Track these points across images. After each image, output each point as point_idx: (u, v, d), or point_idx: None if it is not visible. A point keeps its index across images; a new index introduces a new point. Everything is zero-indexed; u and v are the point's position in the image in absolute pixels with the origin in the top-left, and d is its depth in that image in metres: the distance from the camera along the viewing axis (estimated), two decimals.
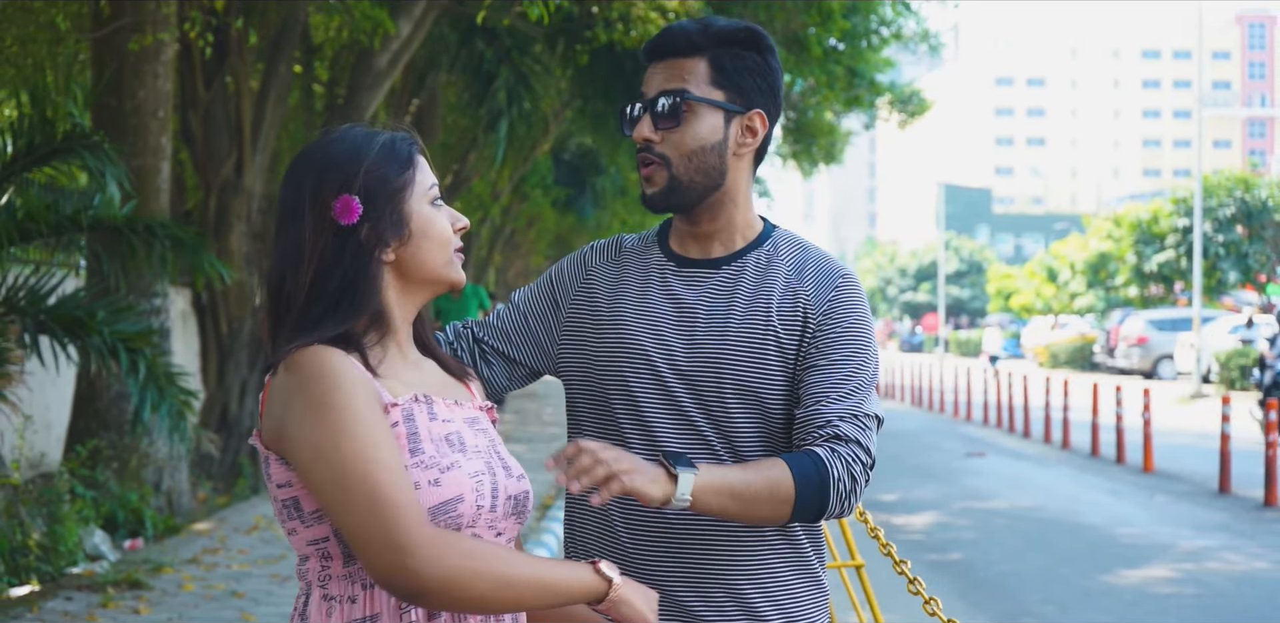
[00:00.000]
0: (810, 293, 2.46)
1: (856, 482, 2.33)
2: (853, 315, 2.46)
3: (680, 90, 2.40)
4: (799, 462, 2.30)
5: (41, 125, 7.12)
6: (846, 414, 2.37)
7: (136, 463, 10.08)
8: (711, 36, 2.43)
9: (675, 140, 2.42)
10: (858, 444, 2.34)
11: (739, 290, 2.46)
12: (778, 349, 2.41)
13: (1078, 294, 50.29)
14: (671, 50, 2.44)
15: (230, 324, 12.84)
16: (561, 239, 37.01)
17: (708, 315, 2.45)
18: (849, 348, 2.43)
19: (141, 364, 7.30)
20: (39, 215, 7.30)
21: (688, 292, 2.48)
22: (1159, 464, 16.13)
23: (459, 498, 2.07)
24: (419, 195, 2.20)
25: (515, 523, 2.20)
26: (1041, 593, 8.77)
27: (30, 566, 7.78)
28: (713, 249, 2.51)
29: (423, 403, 2.15)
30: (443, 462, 2.09)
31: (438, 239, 2.21)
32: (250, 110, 12.88)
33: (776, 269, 2.48)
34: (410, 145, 2.24)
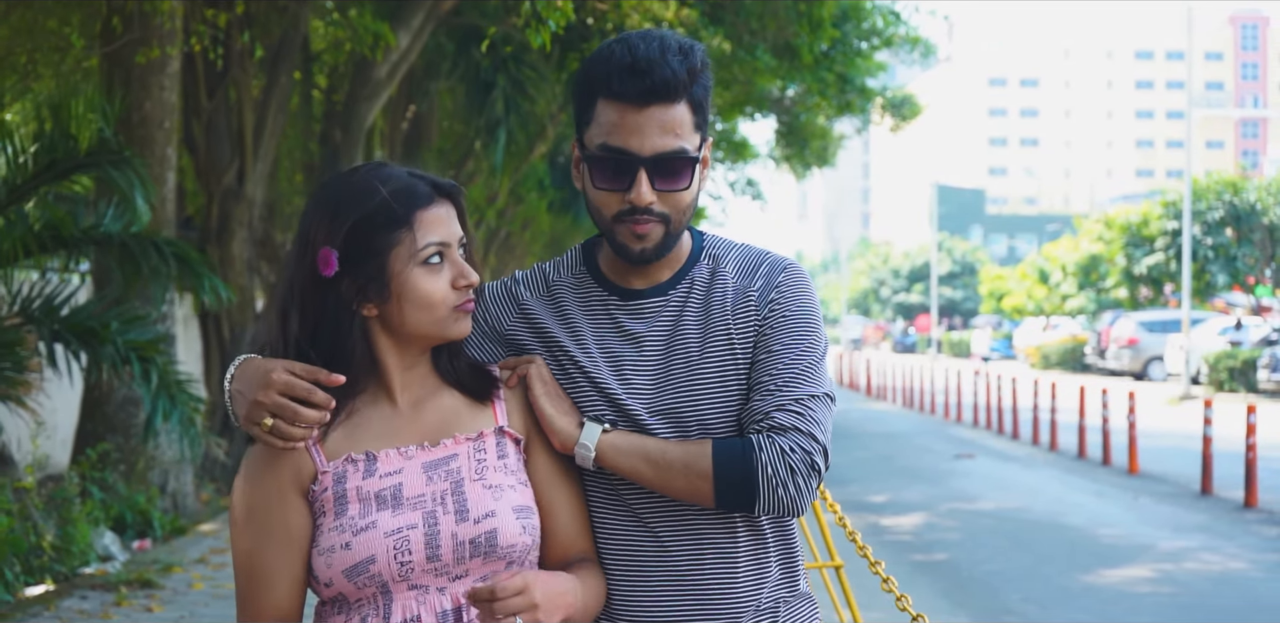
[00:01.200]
0: (759, 289, 2.39)
1: (796, 472, 2.24)
2: (796, 302, 2.38)
3: (679, 151, 2.29)
4: (726, 442, 2.27)
5: (64, 140, 7.37)
6: (785, 403, 2.28)
7: (143, 466, 10.36)
8: (694, 72, 2.29)
9: (675, 199, 2.31)
10: (798, 431, 2.26)
11: (692, 312, 2.39)
12: (746, 362, 2.35)
13: (1069, 296, 50.59)
14: (665, 97, 2.27)
15: (232, 330, 13.11)
16: (556, 241, 37.21)
17: (667, 348, 2.37)
18: (791, 334, 2.35)
19: (153, 372, 7.58)
20: (59, 227, 7.57)
21: (640, 325, 2.39)
22: (1144, 466, 16.42)
23: (370, 559, 2.12)
24: (407, 257, 2.19)
25: (485, 563, 2.19)
26: (1023, 592, 9.05)
27: (44, 566, 8.06)
28: (660, 274, 2.41)
29: (359, 462, 2.19)
30: (360, 523, 2.14)
31: (420, 302, 2.20)
32: (252, 119, 13.15)
33: (723, 278, 2.41)
34: (413, 203, 2.21)
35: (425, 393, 2.29)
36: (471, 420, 2.29)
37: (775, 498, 2.24)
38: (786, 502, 2.24)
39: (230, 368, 2.24)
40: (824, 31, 16.92)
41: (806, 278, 2.45)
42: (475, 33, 15.85)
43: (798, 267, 2.44)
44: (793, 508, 2.26)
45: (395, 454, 2.21)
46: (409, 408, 2.27)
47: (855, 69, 20.35)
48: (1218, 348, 33.23)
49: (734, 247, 2.48)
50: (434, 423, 2.27)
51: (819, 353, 2.37)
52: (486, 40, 10.83)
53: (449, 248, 2.23)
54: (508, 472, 2.27)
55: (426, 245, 2.20)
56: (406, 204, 2.20)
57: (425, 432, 2.25)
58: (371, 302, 2.20)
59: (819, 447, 2.27)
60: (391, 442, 2.23)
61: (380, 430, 2.23)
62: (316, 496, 2.19)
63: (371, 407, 2.25)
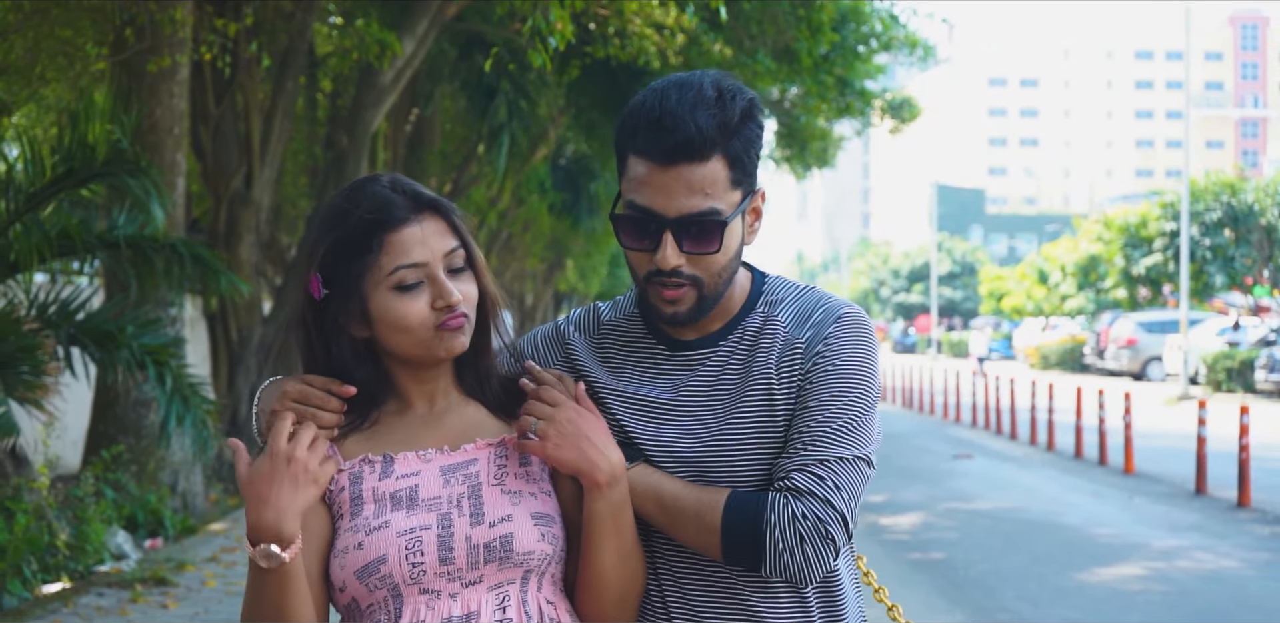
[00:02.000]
0: (807, 340, 2.26)
1: (805, 540, 2.14)
2: (845, 352, 2.25)
3: (708, 212, 2.17)
4: (741, 496, 2.18)
5: (81, 150, 7.57)
6: (808, 464, 2.18)
7: (154, 466, 10.55)
8: (729, 127, 2.17)
9: (706, 263, 2.21)
10: (813, 497, 2.15)
11: (737, 363, 2.28)
12: (786, 417, 2.24)
13: (1068, 296, 50.78)
14: (688, 155, 2.16)
15: (240, 332, 13.29)
16: (556, 242, 37.37)
17: (706, 400, 2.28)
18: (832, 389, 2.23)
19: (168, 376, 7.77)
20: (74, 233, 7.76)
21: (683, 376, 2.30)
22: (1141, 466, 16.59)
23: (381, 559, 2.11)
24: (377, 281, 2.17)
25: (500, 570, 2.17)
26: (1017, 591, 9.23)
27: (60, 564, 8.24)
28: (710, 325, 2.32)
29: (376, 463, 2.21)
30: (374, 522, 2.14)
31: (395, 326, 2.18)
32: (259, 125, 13.35)
33: (774, 328, 2.29)
34: (383, 226, 2.16)
35: (448, 404, 2.30)
36: (495, 428, 2.28)
37: (781, 563, 2.15)
38: (793, 569, 2.15)
39: (257, 393, 2.29)
40: (823, 35, 17.10)
41: (863, 328, 2.29)
42: (478, 38, 16.06)
43: (856, 316, 2.30)
44: (799, 576, 2.16)
45: (413, 457, 2.21)
46: (430, 416, 2.28)
47: (854, 72, 20.54)
48: (1216, 348, 33.41)
49: (794, 292, 2.34)
50: (456, 429, 2.27)
51: (861, 411, 2.22)
52: (490, 59, 11.00)
53: (428, 268, 2.17)
54: (529, 479, 2.25)
55: (396, 269, 2.16)
56: (375, 227, 2.16)
57: (446, 437, 2.25)
58: (358, 323, 2.21)
59: (834, 515, 2.15)
60: (411, 446, 2.23)
61: (401, 436, 2.25)
62: (334, 496, 2.19)
63: (394, 415, 2.27)
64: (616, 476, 2.20)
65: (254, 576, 2.11)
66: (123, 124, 8.07)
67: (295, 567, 2.09)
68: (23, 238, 7.67)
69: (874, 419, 2.25)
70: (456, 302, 2.17)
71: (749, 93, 2.22)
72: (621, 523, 2.23)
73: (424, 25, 13.20)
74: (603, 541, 2.22)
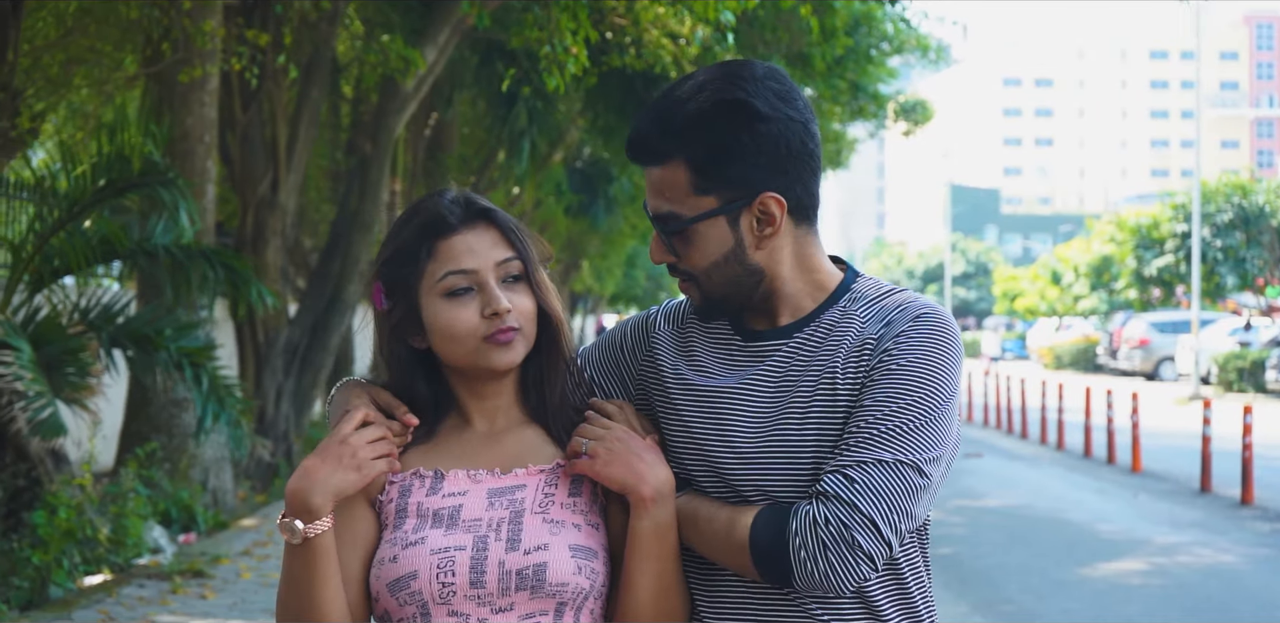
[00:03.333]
0: (878, 337, 2.17)
1: (828, 547, 2.03)
2: (915, 352, 2.14)
3: (668, 215, 2.19)
4: (770, 509, 2.11)
5: (119, 162, 7.93)
6: (842, 466, 2.07)
7: (186, 464, 10.91)
8: (677, 135, 2.15)
9: (692, 260, 2.20)
10: (837, 501, 2.03)
11: (807, 358, 2.20)
12: (846, 416, 2.15)
13: (1081, 297, 51.03)
14: (644, 160, 2.21)
15: (267, 334, 13.65)
16: (573, 243, 37.72)
17: (773, 395, 2.20)
18: (891, 389, 2.12)
19: (204, 377, 8.12)
20: (114, 241, 8.13)
21: (755, 368, 2.23)
22: (1148, 465, 16.90)
23: (413, 574, 2.10)
24: (428, 288, 2.19)
25: (532, 600, 2.12)
26: (1021, 584, 9.56)
27: (101, 557, 8.60)
28: (779, 318, 2.25)
29: (426, 478, 2.21)
30: (411, 537, 2.14)
31: (444, 334, 2.19)
32: (285, 132, 13.70)
33: (850, 323, 2.20)
34: (431, 234, 2.20)
35: (508, 424, 2.29)
36: (549, 454, 2.26)
37: (806, 573, 2.05)
38: (818, 578, 2.04)
39: (332, 391, 2.33)
40: (837, 40, 17.38)
41: (942, 329, 2.17)
42: (497, 45, 16.40)
43: (936, 316, 2.19)
44: (826, 585, 2.05)
45: (464, 476, 2.21)
46: (488, 436, 2.27)
47: (867, 76, 20.85)
48: (1228, 349, 33.64)
49: (881, 291, 2.26)
50: (511, 452, 2.25)
51: (920, 415, 2.10)
52: (506, 80, 11.36)
53: (478, 275, 2.18)
54: (575, 510, 2.20)
55: (446, 275, 2.17)
56: (427, 235, 2.19)
57: (500, 459, 2.24)
58: (416, 334, 2.23)
59: (861, 520, 2.02)
60: (464, 463, 2.23)
61: (456, 452, 2.24)
62: (382, 506, 2.20)
63: (453, 431, 2.27)
64: (663, 493, 2.17)
65: (285, 555, 2.15)
66: (155, 137, 8.42)
67: (321, 546, 2.11)
68: (66, 245, 8.03)
69: (939, 426, 2.11)
70: (504, 309, 2.16)
71: (733, 100, 2.13)
72: (665, 547, 2.18)
73: (445, 34, 13.55)
74: (643, 565, 2.16)
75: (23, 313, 7.98)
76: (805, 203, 2.21)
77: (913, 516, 2.08)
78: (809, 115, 2.21)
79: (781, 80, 2.18)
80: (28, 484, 8.36)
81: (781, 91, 2.17)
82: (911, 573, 2.25)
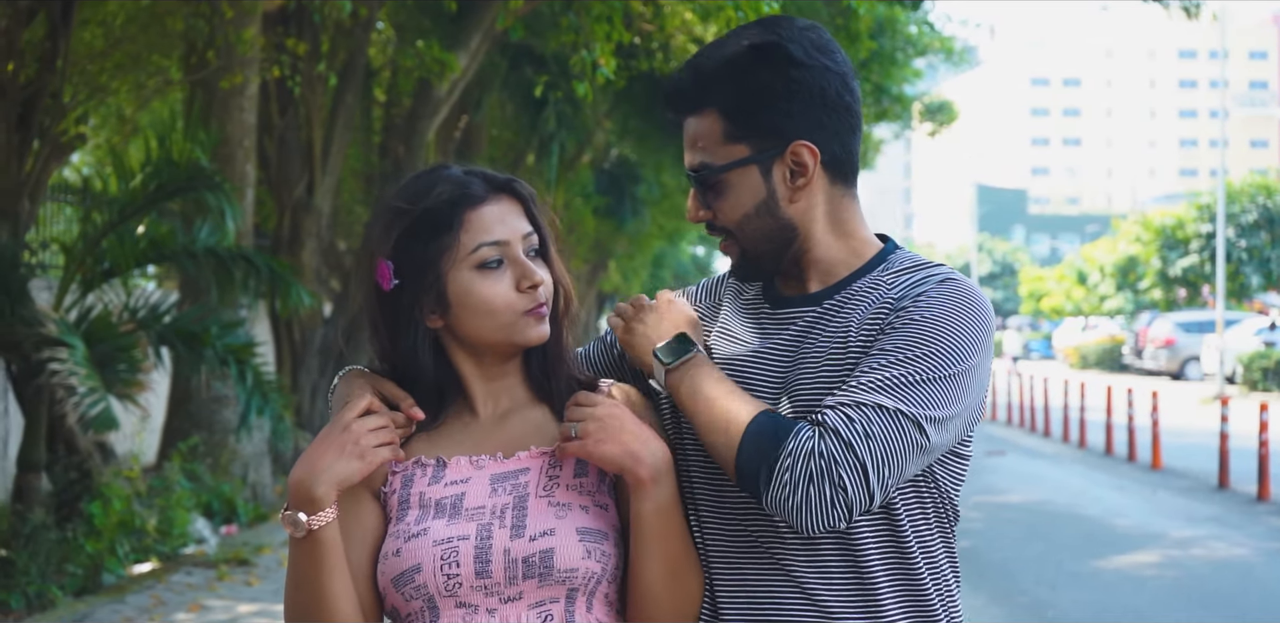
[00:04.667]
0: (897, 299, 2.10)
1: (813, 480, 1.93)
2: (933, 310, 2.06)
3: (701, 166, 2.15)
4: (769, 416, 2.02)
5: (168, 167, 8.29)
6: (844, 402, 1.99)
7: (226, 458, 11.29)
8: (709, 81, 2.12)
9: (725, 214, 2.15)
10: (836, 437, 1.94)
11: (829, 325, 2.13)
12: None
13: (1107, 297, 51.12)
14: (678, 110, 2.19)
15: (303, 333, 14.01)
16: (600, 244, 38.05)
17: (793, 361, 2.14)
18: (906, 340, 2.03)
19: (249, 374, 8.47)
20: (161, 243, 8.49)
21: (781, 336, 2.17)
22: (1168, 462, 17.13)
23: (416, 568, 2.04)
24: (458, 260, 2.09)
25: (541, 587, 2.06)
26: (1036, 575, 9.84)
27: (149, 546, 8.97)
28: (809, 284, 2.20)
29: (428, 467, 2.14)
30: (414, 529, 2.08)
31: (478, 308, 2.10)
32: (320, 135, 14.07)
33: (876, 291, 2.13)
34: (459, 203, 2.10)
35: (513, 405, 2.22)
36: (554, 434, 2.17)
37: (779, 498, 1.96)
38: (789, 508, 1.95)
39: (335, 380, 2.26)
40: (861, 43, 17.64)
41: (966, 295, 2.10)
42: (526, 50, 16.75)
43: (962, 286, 2.11)
44: (796, 519, 1.96)
45: (466, 463, 2.14)
46: (492, 420, 2.20)
47: (891, 78, 21.09)
48: (1253, 348, 33.74)
49: (917, 263, 2.18)
50: (514, 435, 2.18)
51: (929, 370, 2.01)
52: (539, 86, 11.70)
53: (509, 247, 2.12)
54: (582, 491, 2.14)
55: (478, 247, 2.09)
56: (454, 205, 2.10)
57: (503, 443, 2.17)
58: (434, 312, 2.12)
59: (853, 463, 1.93)
60: (467, 450, 2.16)
61: (459, 438, 2.18)
62: (386, 497, 2.14)
63: (456, 417, 2.20)
64: (662, 471, 2.09)
65: (290, 550, 2.09)
66: (202, 144, 8.78)
67: (326, 539, 2.04)
68: (116, 247, 8.39)
69: (948, 386, 2.01)
70: (541, 280, 2.12)
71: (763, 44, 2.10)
72: (671, 527, 2.11)
73: (476, 40, 13.90)
74: (650, 548, 2.10)
75: (75, 312, 8.34)
76: (841, 159, 2.15)
77: (903, 471, 1.99)
78: (848, 69, 2.14)
79: (821, 33, 2.14)
80: (79, 476, 8.72)
81: (820, 42, 2.12)
82: (929, 568, 2.14)
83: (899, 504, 2.11)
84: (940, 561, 2.17)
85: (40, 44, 9.39)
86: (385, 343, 2.16)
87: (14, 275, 8.08)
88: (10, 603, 7.40)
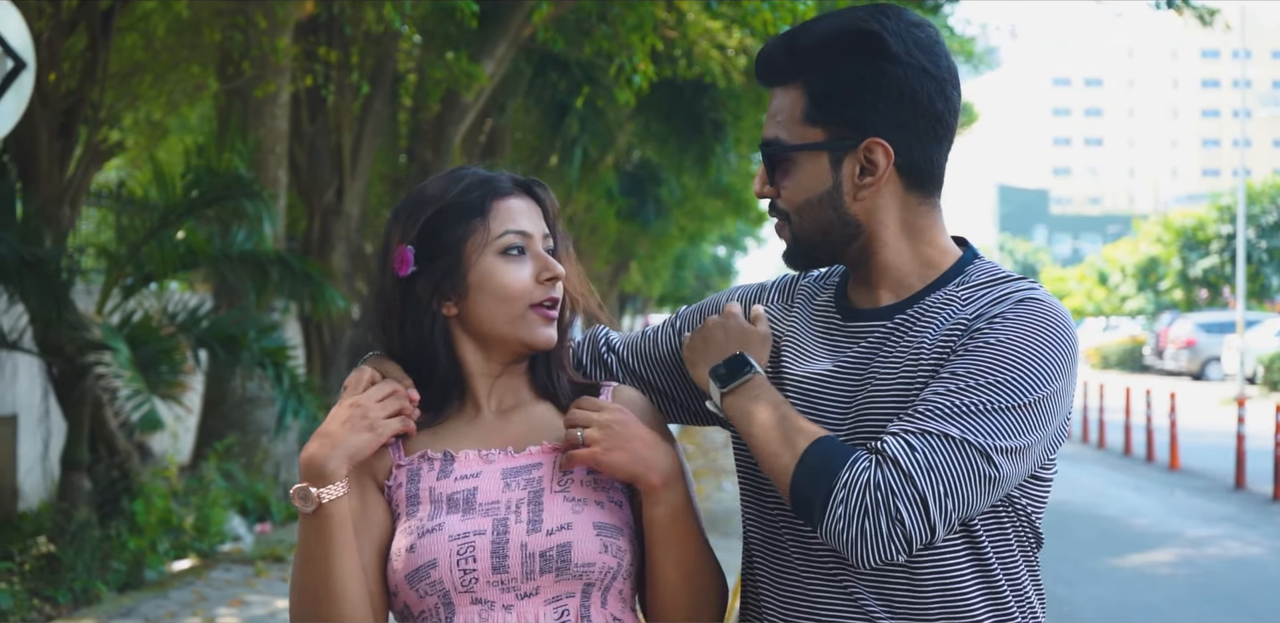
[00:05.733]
0: (974, 315, 1.99)
1: (867, 513, 1.85)
2: (1009, 333, 1.94)
3: (773, 140, 2.07)
4: (827, 443, 1.93)
5: (209, 176, 8.55)
6: (907, 430, 1.89)
7: (260, 458, 11.55)
8: (802, 57, 2.04)
9: (786, 195, 2.08)
10: (896, 467, 1.85)
11: (899, 339, 2.04)
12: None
13: (1128, 297, 51.19)
14: (766, 79, 2.11)
15: (333, 334, 14.28)
16: (622, 245, 38.28)
17: (863, 377, 2.05)
18: (976, 365, 1.92)
19: (285, 375, 8.71)
20: (199, 250, 8.75)
21: (852, 350, 2.08)
22: (1186, 463, 17.30)
23: (431, 563, 2.03)
24: (483, 245, 2.11)
25: (558, 582, 2.05)
26: (1053, 573, 10.01)
27: (186, 544, 9.23)
28: (880, 297, 2.10)
29: (435, 461, 2.13)
30: (428, 524, 2.06)
31: (497, 294, 2.11)
32: (350, 141, 14.33)
33: (952, 307, 2.03)
34: (488, 193, 2.13)
35: (517, 402, 2.21)
36: (562, 430, 2.14)
37: (835, 531, 1.88)
38: (844, 541, 1.88)
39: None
40: None
41: (1048, 316, 1.98)
42: (551, 56, 16.99)
43: (1045, 303, 2.00)
44: (850, 553, 1.89)
45: (475, 456, 2.13)
46: (496, 415, 2.19)
47: None
48: (1274, 349, 33.81)
49: (997, 276, 2.08)
50: (523, 429, 2.17)
51: (1001, 398, 1.90)
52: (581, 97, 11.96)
53: (530, 239, 2.14)
54: (597, 487, 2.13)
55: (505, 232, 2.11)
56: (482, 193, 2.13)
57: (512, 437, 2.16)
58: (449, 299, 2.12)
59: (913, 496, 1.84)
60: (474, 444, 2.15)
61: (464, 432, 2.17)
62: (392, 492, 2.13)
63: (460, 411, 2.19)
64: (671, 474, 2.08)
65: (300, 530, 2.08)
66: (241, 153, 9.03)
67: (336, 513, 2.03)
68: (157, 253, 8.65)
69: (1023, 416, 1.90)
70: (561, 273, 2.13)
71: (865, 30, 2.01)
72: (684, 530, 2.11)
73: (503, 47, 14.14)
74: (665, 551, 2.10)
75: (117, 316, 8.61)
76: (922, 168, 2.07)
77: (970, 504, 1.89)
78: (949, 76, 2.05)
79: (932, 34, 2.04)
80: (119, 476, 8.99)
81: (926, 43, 2.02)
82: (1014, 593, 2.08)
83: (979, 530, 2.03)
84: (1025, 586, 2.09)
85: (81, 54, 9.65)
86: (394, 332, 2.15)
87: (57, 282, 8.32)
88: (58, 598, 7.67)
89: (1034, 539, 2.12)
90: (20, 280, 8.11)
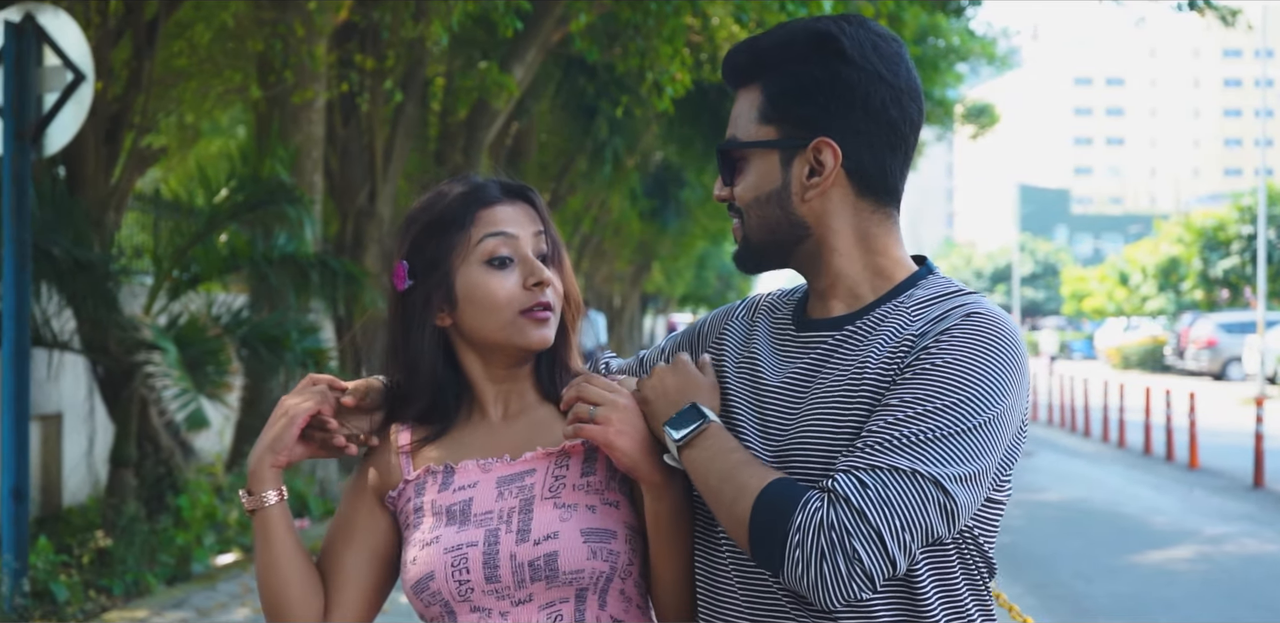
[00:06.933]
0: (924, 331, 1.97)
1: (825, 555, 1.82)
2: (957, 352, 1.92)
3: (730, 138, 2.10)
4: (778, 488, 1.89)
5: (253, 183, 8.83)
6: (856, 466, 1.86)
7: None
8: (760, 57, 2.07)
9: (739, 193, 2.09)
10: (847, 506, 1.82)
11: (846, 351, 2.02)
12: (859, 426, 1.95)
13: (1148, 297, 51.24)
14: (729, 80, 2.13)
15: (366, 335, 14.55)
16: (644, 245, 38.50)
17: (809, 389, 2.03)
18: (924, 390, 1.90)
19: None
20: (241, 253, 9.03)
21: (801, 361, 2.07)
22: (1206, 462, 17.48)
23: (430, 575, 2.08)
24: (468, 256, 2.13)
25: (550, 589, 2.08)
26: (1072, 569, 10.27)
27: (230, 538, 9.51)
28: (832, 307, 2.09)
29: (438, 474, 2.17)
30: (427, 537, 2.11)
31: (484, 303, 2.13)
32: (382, 145, 14.60)
33: (900, 318, 2.01)
34: (472, 203, 2.15)
35: (523, 407, 2.23)
36: (559, 433, 2.17)
37: (795, 576, 1.85)
38: (806, 586, 1.84)
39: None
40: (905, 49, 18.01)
41: (994, 332, 1.95)
42: (578, 60, 17.26)
43: (991, 318, 1.97)
44: (815, 596, 1.85)
45: (474, 467, 2.16)
46: (502, 421, 2.21)
47: (933, 83, 21.47)
48: None
49: (947, 290, 2.06)
50: (522, 436, 2.19)
51: (950, 424, 1.88)
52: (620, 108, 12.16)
53: (517, 242, 2.15)
54: (589, 490, 2.13)
55: (484, 237, 2.13)
56: (467, 205, 2.15)
57: (511, 445, 2.18)
58: (442, 310, 2.16)
59: (868, 533, 1.82)
60: (475, 454, 2.18)
61: (468, 442, 2.20)
62: (397, 505, 2.19)
63: (465, 421, 2.22)
64: (674, 470, 2.07)
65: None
66: (282, 160, 9.32)
67: (269, 519, 2.13)
68: (202, 256, 8.94)
69: (973, 439, 1.88)
70: (547, 279, 2.14)
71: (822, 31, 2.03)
72: (687, 524, 2.12)
73: (532, 53, 14.41)
74: (669, 547, 2.11)
75: (164, 317, 8.89)
76: (873, 174, 2.05)
77: (927, 534, 1.87)
78: (908, 87, 2.05)
79: (892, 44, 2.05)
80: (165, 473, 9.28)
81: (886, 52, 2.03)
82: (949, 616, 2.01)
83: (920, 566, 1.97)
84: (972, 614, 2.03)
85: (126, 63, 9.94)
86: (398, 344, 2.19)
87: (106, 284, 8.61)
88: (113, 589, 7.96)
89: (984, 569, 2.06)
90: (73, 282, 8.40)
